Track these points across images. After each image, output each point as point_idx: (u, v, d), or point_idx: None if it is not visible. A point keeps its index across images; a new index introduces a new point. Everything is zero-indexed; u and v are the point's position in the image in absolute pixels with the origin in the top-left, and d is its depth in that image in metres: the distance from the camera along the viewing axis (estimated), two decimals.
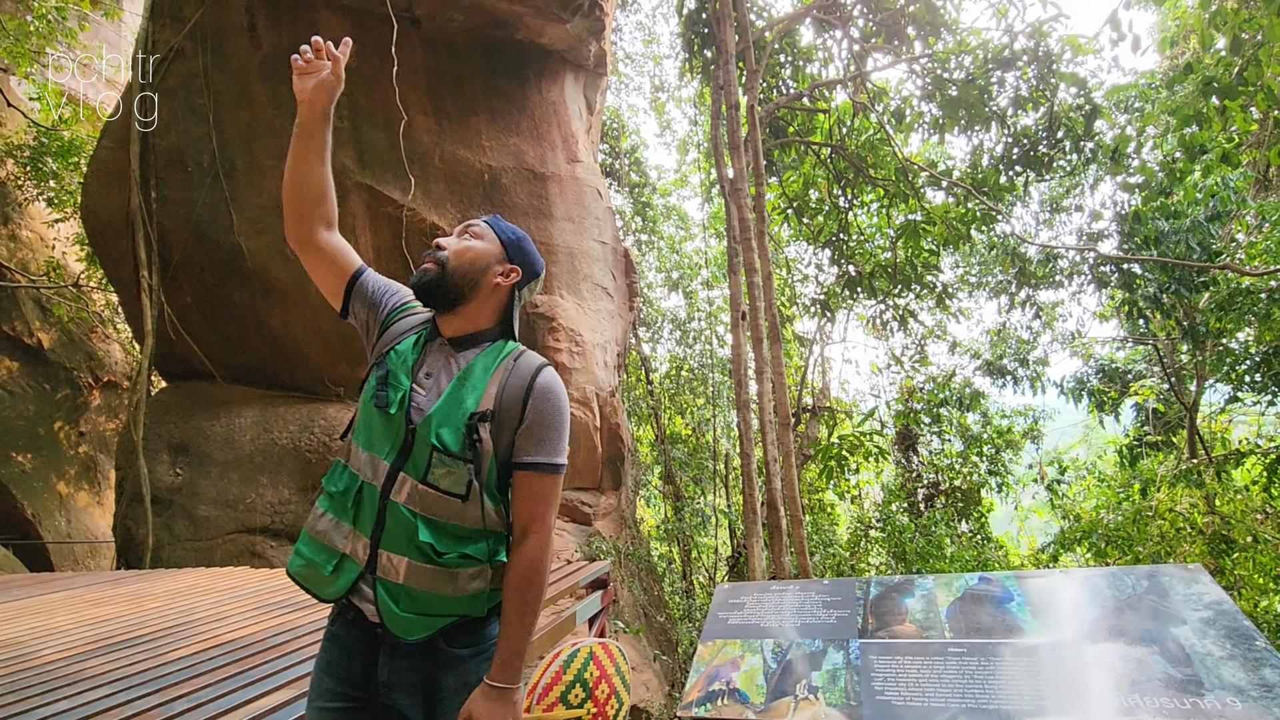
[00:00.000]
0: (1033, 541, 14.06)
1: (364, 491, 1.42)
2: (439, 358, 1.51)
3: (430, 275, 1.49)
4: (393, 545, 1.39)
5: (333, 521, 1.44)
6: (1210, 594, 1.47)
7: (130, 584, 4.45)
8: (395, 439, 1.42)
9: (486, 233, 1.58)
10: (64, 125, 10.27)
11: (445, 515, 1.40)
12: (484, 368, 1.48)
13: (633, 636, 7.01)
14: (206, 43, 6.50)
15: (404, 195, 6.59)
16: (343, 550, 1.42)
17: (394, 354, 1.51)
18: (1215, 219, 7.50)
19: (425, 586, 1.38)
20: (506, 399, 1.45)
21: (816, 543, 10.71)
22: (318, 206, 1.58)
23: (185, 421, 6.60)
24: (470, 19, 6.97)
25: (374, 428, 1.45)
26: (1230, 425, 11.81)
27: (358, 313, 1.62)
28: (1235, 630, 1.35)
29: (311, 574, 1.45)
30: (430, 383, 1.47)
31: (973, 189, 8.08)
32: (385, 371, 1.48)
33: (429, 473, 1.40)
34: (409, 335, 1.54)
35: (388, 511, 1.39)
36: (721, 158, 6.85)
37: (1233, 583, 7.25)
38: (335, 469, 1.50)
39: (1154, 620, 1.45)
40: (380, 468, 1.42)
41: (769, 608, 1.88)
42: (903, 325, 10.47)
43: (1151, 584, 1.56)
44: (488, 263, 1.53)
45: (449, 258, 1.50)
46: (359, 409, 1.50)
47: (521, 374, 1.47)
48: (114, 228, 6.63)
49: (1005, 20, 7.50)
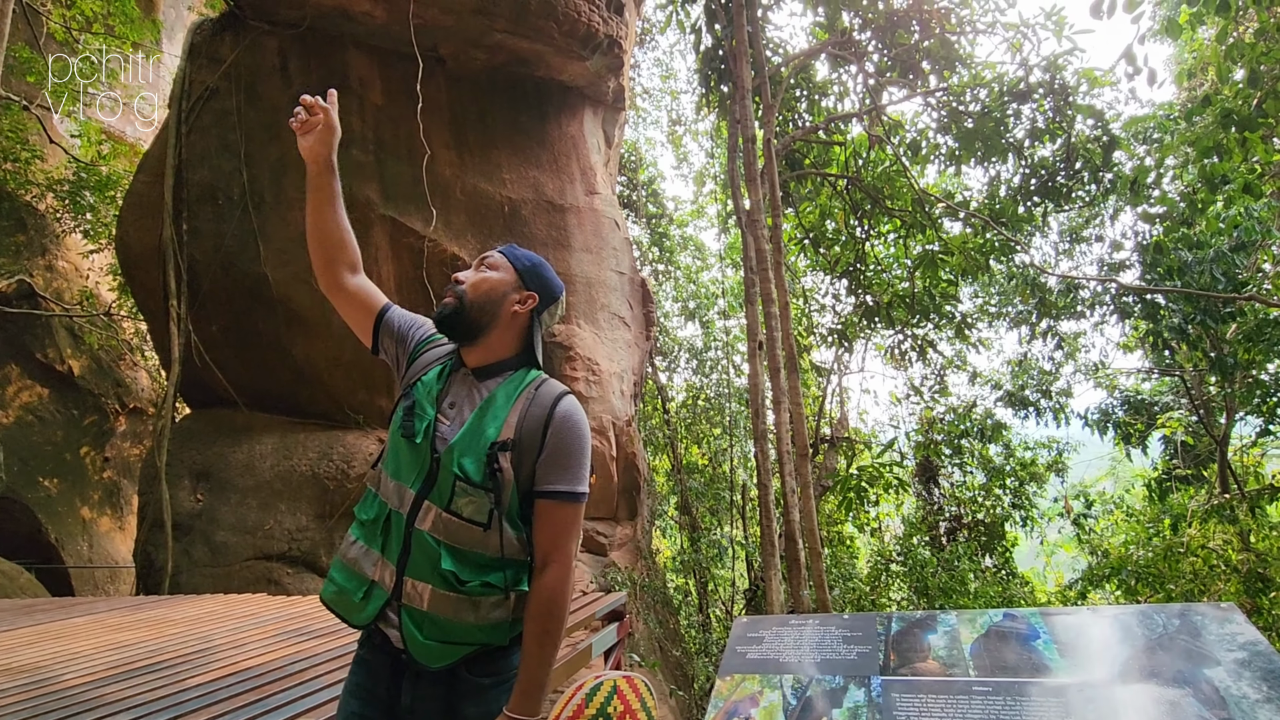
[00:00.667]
0: (1059, 578, 13.69)
1: (392, 519, 1.45)
2: (463, 388, 1.53)
3: (449, 309, 1.52)
4: (417, 572, 1.40)
5: (363, 549, 1.47)
6: (1245, 634, 1.43)
7: (151, 609, 4.48)
8: (421, 468, 1.45)
9: (501, 263, 1.60)
10: (102, 161, 10.67)
11: (468, 543, 1.41)
12: (506, 396, 1.50)
13: (648, 671, 6.89)
14: (240, 81, 6.76)
15: (426, 227, 6.73)
16: (372, 577, 1.44)
17: (420, 385, 1.54)
18: (1240, 249, 7.40)
19: (448, 614, 1.39)
20: (527, 428, 1.45)
21: (836, 576, 10.51)
22: (341, 252, 1.65)
23: (208, 448, 6.69)
24: (493, 57, 7.19)
25: (401, 457, 1.48)
26: (1264, 459, 11.48)
27: (387, 348, 1.66)
28: (1272, 672, 1.31)
29: (343, 600, 1.47)
30: (454, 413, 1.50)
31: (990, 220, 8.08)
32: (411, 402, 1.51)
33: (452, 501, 1.42)
34: (435, 366, 1.58)
35: (413, 539, 1.41)
36: (738, 190, 6.92)
37: (1271, 623, 6.99)
38: (366, 497, 1.53)
39: (1187, 661, 1.41)
40: (406, 496, 1.44)
41: (788, 642, 1.85)
42: (922, 355, 10.39)
43: (1183, 623, 1.52)
44: (504, 291, 1.56)
45: (466, 291, 1.53)
46: (389, 438, 1.54)
47: (542, 403, 1.48)
48: (146, 258, 6.83)
49: (1020, 54, 7.57)
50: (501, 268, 1.59)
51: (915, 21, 7.63)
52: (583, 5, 7.02)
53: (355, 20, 6.64)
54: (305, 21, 6.61)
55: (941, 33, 7.51)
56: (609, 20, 7.31)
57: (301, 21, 6.61)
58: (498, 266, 1.59)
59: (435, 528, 1.41)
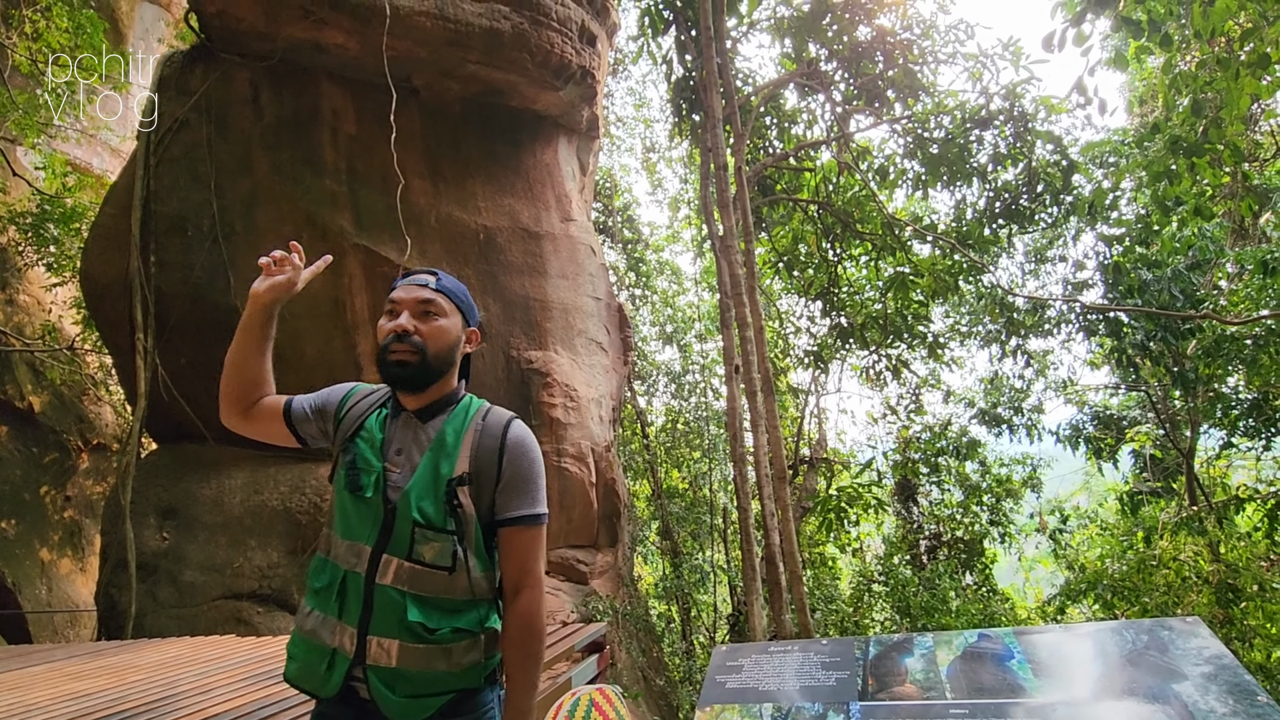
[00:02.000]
0: (1039, 593, 13.80)
1: (348, 581, 1.40)
2: (406, 432, 1.49)
3: (412, 369, 1.46)
4: (383, 630, 1.36)
5: (320, 618, 1.41)
6: (1211, 648, 1.46)
7: (112, 655, 4.30)
8: (375, 521, 1.41)
9: (448, 307, 1.54)
10: (68, 193, 10.49)
11: (433, 590, 1.39)
12: (454, 432, 1.48)
13: (631, 701, 6.77)
14: (210, 113, 6.72)
15: (400, 255, 6.71)
16: (333, 645, 1.38)
17: (360, 439, 1.49)
18: (1196, 268, 7.68)
19: (420, 666, 1.36)
20: (482, 459, 1.45)
21: (818, 598, 10.48)
22: (256, 391, 1.58)
23: (174, 484, 6.51)
24: (467, 88, 7.25)
25: (350, 514, 1.43)
26: (1229, 470, 11.77)
27: (310, 433, 1.59)
28: (1237, 685, 1.33)
29: (308, 674, 1.42)
30: (402, 459, 1.46)
31: (957, 243, 8.28)
32: (353, 456, 1.46)
33: (413, 549, 1.38)
34: (369, 415, 1.53)
35: (375, 596, 1.37)
36: (711, 216, 7.02)
37: (1243, 633, 7.10)
38: (316, 564, 1.47)
39: (1156, 677, 1.43)
40: (363, 553, 1.40)
41: (768, 670, 1.84)
42: (896, 375, 10.53)
43: (1151, 639, 1.54)
44: (458, 337, 1.54)
45: (425, 345, 1.47)
46: (333, 500, 1.49)
47: (492, 432, 1.48)
48: (112, 291, 6.70)
49: (980, 83, 7.85)
50: (450, 312, 1.54)
51: (879, 52, 7.88)
52: (555, 37, 7.14)
53: (328, 52, 6.67)
54: (277, 54, 6.62)
55: (905, 63, 7.76)
56: (581, 51, 7.44)
57: (273, 54, 6.62)
58: (446, 312, 1.53)
59: (398, 579, 1.38)
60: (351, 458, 1.46)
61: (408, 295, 1.52)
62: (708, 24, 6.69)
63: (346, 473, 1.45)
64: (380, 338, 1.50)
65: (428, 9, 6.53)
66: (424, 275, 1.55)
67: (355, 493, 1.42)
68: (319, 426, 1.59)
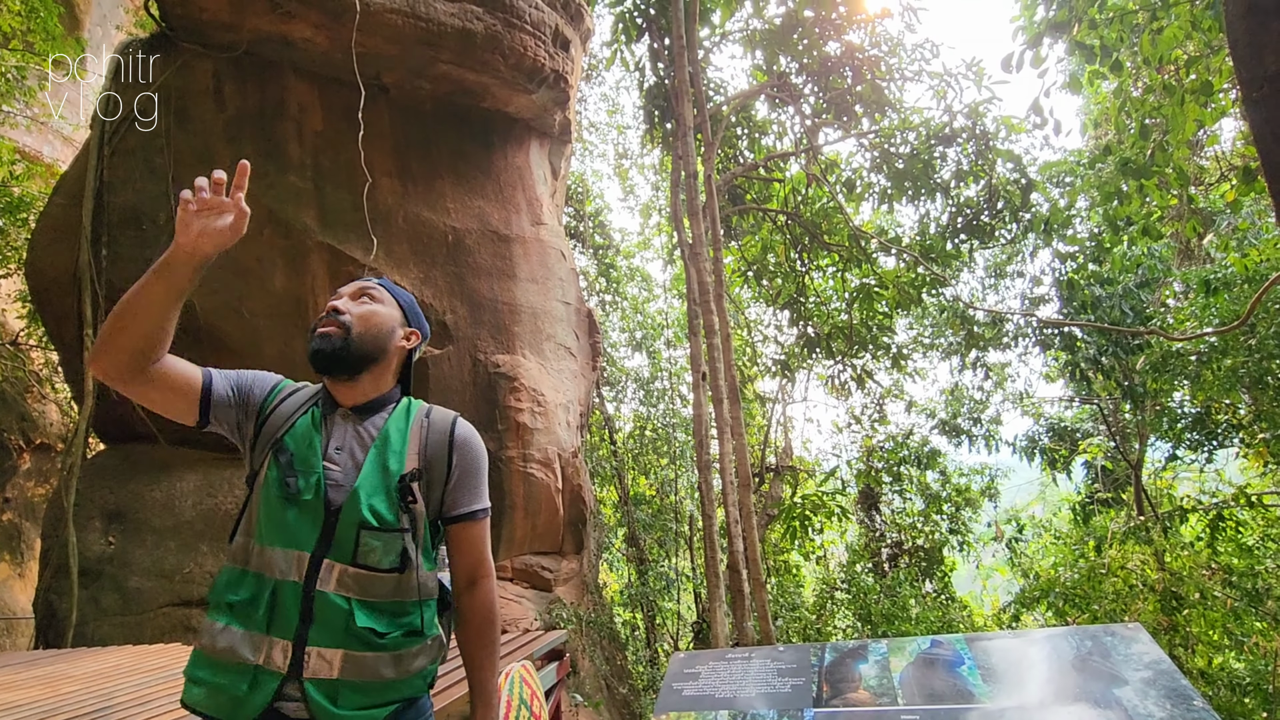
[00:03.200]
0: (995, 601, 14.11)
1: (280, 591, 1.30)
2: (344, 429, 1.43)
3: (336, 342, 1.41)
4: (325, 639, 1.29)
5: (238, 634, 1.29)
6: (1150, 654, 1.50)
7: (47, 665, 4.11)
8: (314, 525, 1.33)
9: (385, 296, 1.53)
10: (15, 181, 10.07)
11: (381, 594, 1.34)
12: (398, 430, 1.45)
13: (593, 709, 6.72)
14: (170, 104, 6.53)
15: (366, 255, 6.59)
16: (255, 662, 1.27)
17: (291, 438, 1.40)
18: (1145, 286, 7.98)
19: (366, 676, 1.31)
20: (432, 455, 1.43)
21: (782, 606, 10.56)
22: (160, 348, 1.37)
23: (122, 486, 6.27)
24: (438, 87, 7.18)
25: (281, 520, 1.33)
26: (1175, 482, 12.22)
27: (223, 417, 1.46)
28: (1174, 690, 1.37)
29: (219, 700, 1.28)
30: (342, 457, 1.39)
31: (920, 256, 8.47)
32: (289, 457, 1.37)
33: (358, 553, 1.33)
34: (300, 415, 1.44)
35: (315, 604, 1.29)
36: (681, 224, 7.06)
37: (1186, 639, 7.36)
38: (231, 577, 1.35)
39: (1098, 682, 1.47)
40: (300, 560, 1.31)
41: (724, 677, 1.84)
42: (860, 385, 10.70)
43: (1095, 645, 1.58)
44: (392, 327, 1.51)
45: (353, 323, 1.43)
46: (255, 508, 1.37)
47: (439, 429, 1.46)
48: (60, 285, 6.44)
49: (945, 101, 8.06)
50: (387, 302, 1.52)
51: (848, 68, 8.04)
52: (529, 40, 7.11)
53: (295, 46, 6.53)
54: (241, 46, 6.46)
55: (872, 79, 7.93)
56: (555, 56, 7.43)
57: (237, 45, 6.46)
58: (383, 300, 1.52)
59: (342, 585, 1.31)
60: (287, 458, 1.36)
61: (348, 286, 1.53)
62: (681, 33, 6.75)
63: (280, 475, 1.35)
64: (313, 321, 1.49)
65: (399, 7, 6.45)
66: (373, 276, 1.57)
67: (290, 496, 1.33)
68: (236, 415, 1.45)
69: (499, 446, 6.87)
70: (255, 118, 6.64)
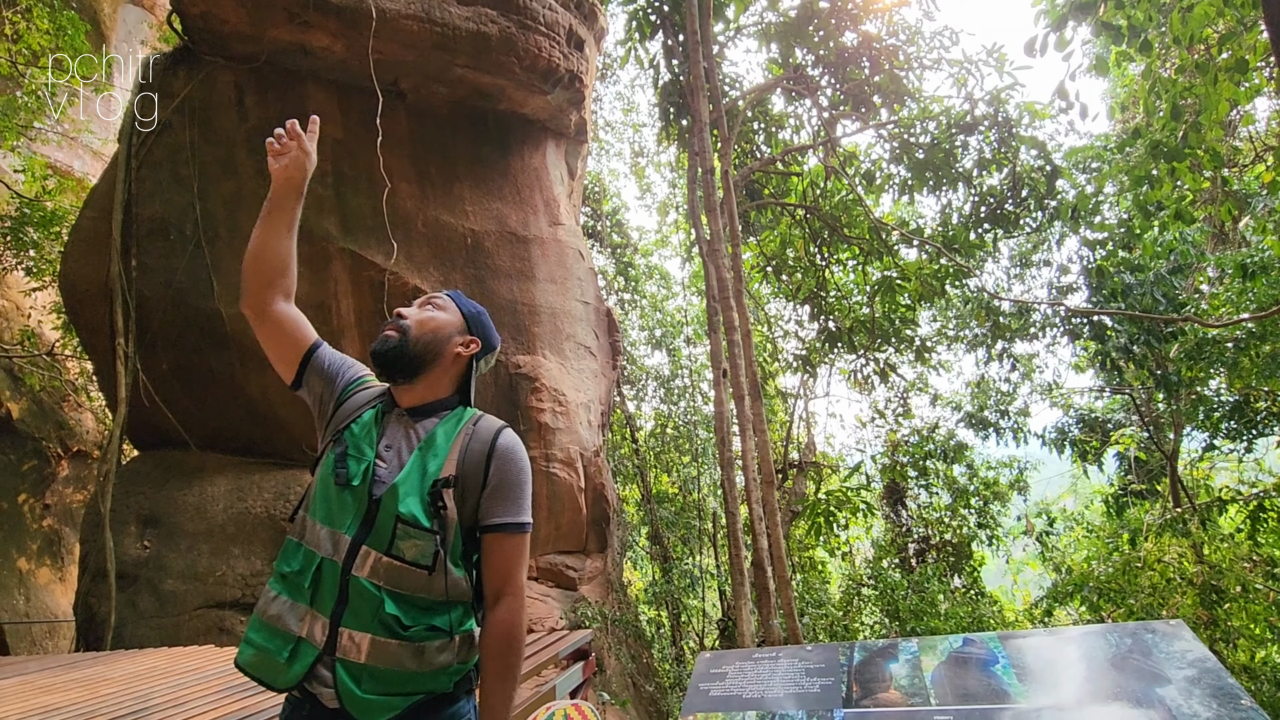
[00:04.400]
0: (1026, 596, 13.87)
1: (323, 568, 1.37)
2: (398, 429, 1.50)
3: (393, 343, 1.49)
4: (355, 622, 1.33)
5: (287, 604, 1.37)
6: (1194, 651, 1.45)
7: (86, 668, 4.21)
8: (358, 512, 1.39)
9: (449, 305, 1.61)
10: (47, 196, 10.34)
11: (411, 588, 1.37)
12: (445, 435, 1.48)
13: (620, 708, 6.73)
14: (194, 116, 6.65)
15: (387, 259, 6.66)
16: (299, 633, 1.34)
17: (354, 429, 1.49)
18: (1177, 272, 7.77)
19: (390, 664, 1.33)
20: (469, 463, 1.44)
21: (808, 603, 10.48)
22: (282, 277, 1.60)
23: (156, 491, 6.41)
24: (454, 91, 7.22)
25: (333, 502, 1.41)
26: (1212, 472, 11.90)
27: (313, 385, 1.60)
28: (1220, 689, 1.32)
29: (265, 662, 1.35)
30: (390, 454, 1.45)
31: (943, 247, 8.33)
32: (345, 447, 1.45)
33: (393, 545, 1.37)
34: (366, 409, 1.53)
35: (350, 587, 1.34)
36: (699, 220, 7.03)
37: (1227, 634, 7.16)
38: (288, 549, 1.44)
39: (1139, 681, 1.42)
40: (341, 542, 1.37)
41: (751, 677, 1.82)
42: (884, 379, 10.56)
43: (1135, 642, 1.53)
44: (449, 333, 1.55)
45: (411, 326, 1.52)
46: (314, 487, 1.47)
47: (482, 438, 1.48)
48: (92, 296, 6.60)
49: (965, 89, 7.91)
50: (449, 309, 1.59)
51: (865, 58, 7.93)
52: (543, 41, 7.12)
53: (314, 55, 6.61)
54: (262, 56, 6.56)
55: (890, 69, 7.81)
56: (569, 56, 7.43)
57: (258, 56, 6.56)
58: (444, 308, 1.59)
59: (375, 573, 1.35)
60: (344, 448, 1.45)
61: (420, 298, 1.63)
62: (695, 29, 6.71)
63: (335, 460, 1.43)
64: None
65: (414, 12, 6.50)
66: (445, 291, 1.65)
67: (340, 480, 1.41)
68: (323, 389, 1.59)
69: None
70: (276, 126, 6.72)
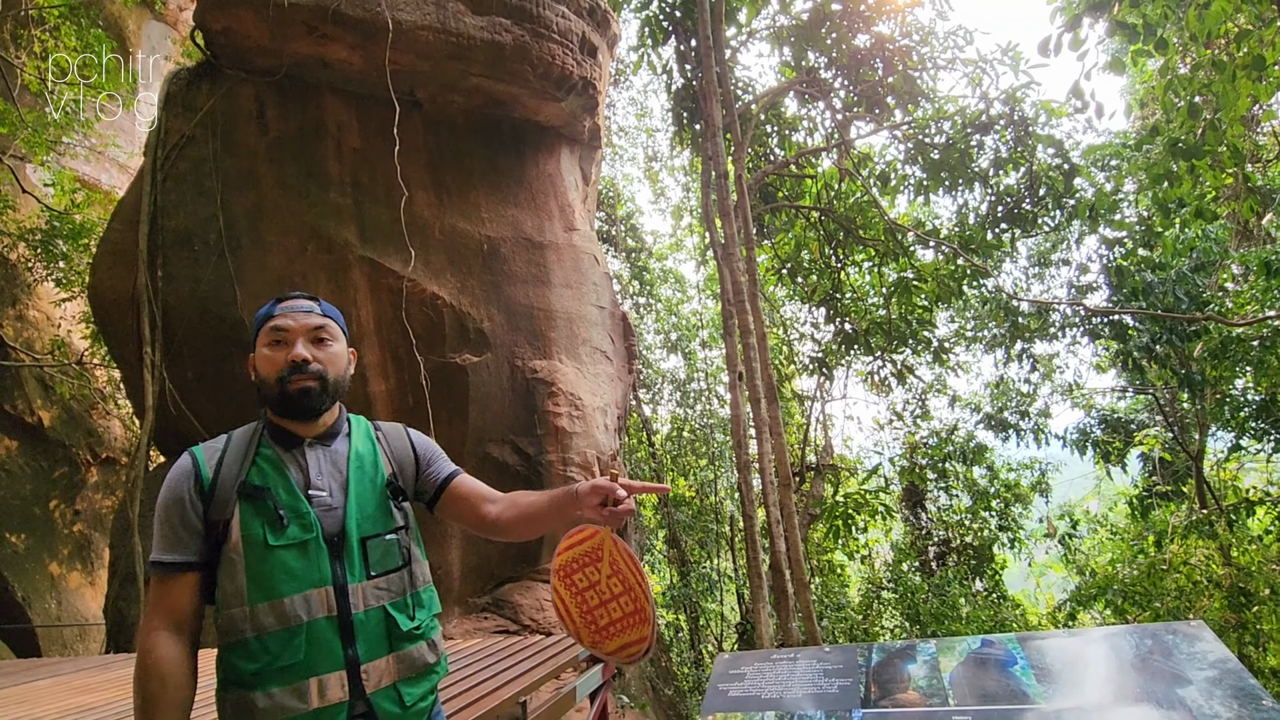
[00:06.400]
0: (1049, 599, 13.67)
1: (312, 631, 1.30)
2: (316, 457, 1.44)
3: (315, 395, 1.42)
4: (373, 654, 1.35)
5: (284, 691, 1.27)
6: (1215, 652, 1.45)
7: (119, 669, 4.31)
8: (321, 560, 1.34)
9: (335, 331, 1.52)
10: (76, 209, 10.61)
11: (401, 590, 1.43)
12: (367, 448, 1.53)
13: (639, 711, 6.74)
14: (217, 129, 6.80)
15: (405, 267, 6.75)
16: (312, 707, 1.28)
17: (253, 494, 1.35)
18: (1200, 269, 7.65)
19: (417, 668, 1.41)
20: (398, 457, 1.56)
21: (827, 606, 10.42)
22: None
23: None
24: (470, 100, 7.31)
25: (287, 569, 1.31)
26: (1239, 473, 11.67)
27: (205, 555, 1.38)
28: (1242, 690, 1.32)
29: None
30: (324, 481, 1.42)
31: (960, 247, 8.27)
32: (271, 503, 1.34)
33: (369, 565, 1.39)
34: (246, 464, 1.39)
35: (356, 628, 1.34)
36: (713, 224, 7.05)
37: (1256, 637, 7.02)
38: (241, 651, 1.30)
39: (1160, 682, 1.42)
40: (324, 596, 1.33)
41: (770, 678, 1.84)
42: (901, 381, 10.50)
43: (1155, 644, 1.53)
44: (349, 361, 1.55)
45: (325, 371, 1.44)
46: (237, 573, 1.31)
47: (395, 434, 1.61)
48: (120, 306, 6.76)
49: (980, 88, 7.87)
50: (338, 337, 1.53)
51: (878, 59, 7.91)
52: (557, 49, 7.19)
53: (332, 67, 6.74)
54: (282, 69, 6.69)
55: (904, 69, 7.79)
56: (583, 63, 7.49)
57: (278, 69, 6.69)
58: (336, 336, 1.52)
59: (371, 599, 1.38)
60: (271, 506, 1.33)
61: (297, 323, 1.45)
62: (707, 34, 6.74)
63: (267, 531, 1.31)
64: (271, 368, 1.42)
65: (430, 23, 6.60)
66: (305, 301, 1.50)
67: (285, 544, 1.32)
68: (201, 543, 1.35)
69: (538, 451, 6.95)
70: (296, 138, 6.86)
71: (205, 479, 1.37)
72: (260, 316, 1.51)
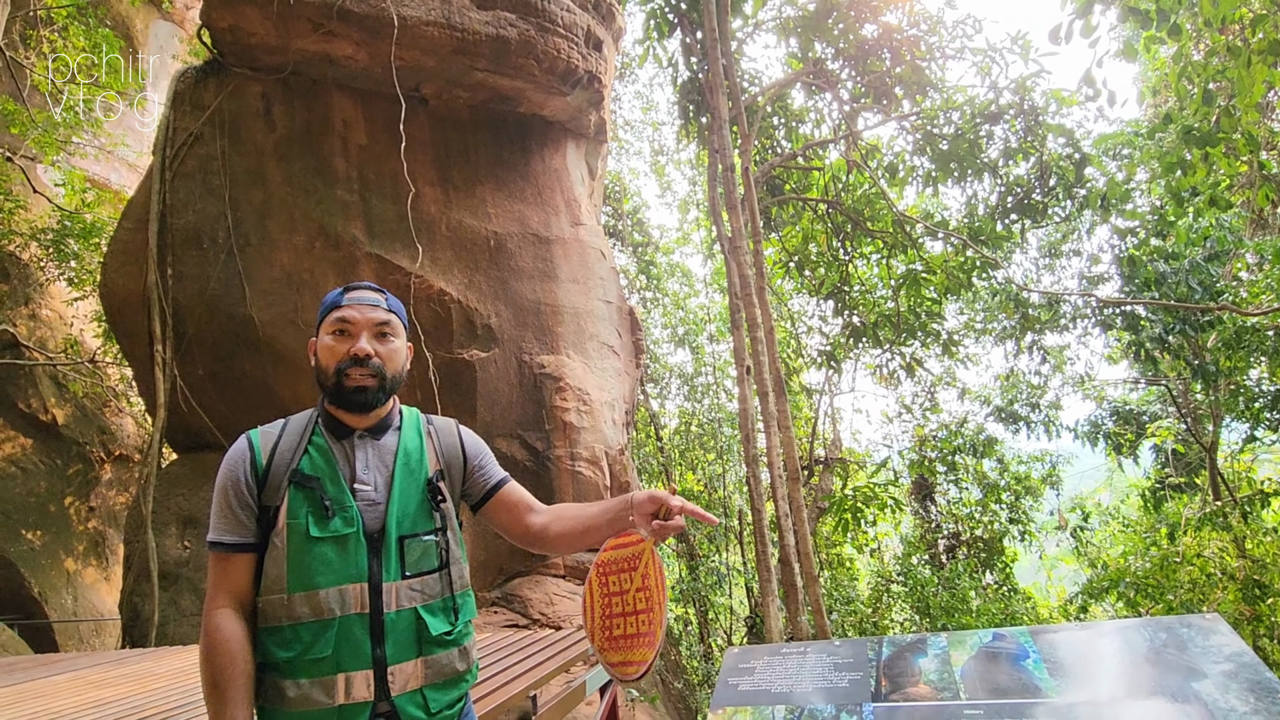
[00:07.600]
0: (1061, 592, 13.62)
1: (343, 626, 1.31)
2: (364, 451, 1.45)
3: (372, 392, 1.42)
4: (403, 655, 1.35)
5: (311, 684, 1.29)
6: (1230, 645, 1.43)
7: (134, 663, 4.36)
8: (361, 554, 1.35)
9: (398, 326, 1.52)
10: (87, 208, 10.68)
11: (435, 593, 1.42)
12: (414, 441, 1.51)
13: (649, 704, 6.76)
14: (224, 127, 6.82)
15: (412, 263, 6.76)
16: (337, 703, 1.29)
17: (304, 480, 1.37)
18: (1214, 259, 7.56)
19: (446, 675, 1.40)
20: (447, 455, 1.54)
21: (836, 599, 10.41)
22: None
23: (194, 493, 6.60)
24: (475, 95, 7.30)
25: (325, 562, 1.33)
26: (1254, 464, 11.55)
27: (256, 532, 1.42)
28: (1259, 683, 1.31)
29: None
30: (370, 475, 1.42)
31: (969, 238, 8.20)
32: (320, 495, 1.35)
33: (405, 564, 1.38)
34: (299, 453, 1.41)
35: (386, 626, 1.34)
36: (719, 218, 7.02)
37: (1271, 630, 6.96)
38: (278, 637, 1.32)
39: (1175, 675, 1.41)
40: (358, 592, 1.33)
41: (780, 672, 1.83)
42: (910, 374, 10.44)
43: (1170, 636, 1.52)
44: (407, 357, 1.55)
45: (384, 367, 1.45)
46: (280, 559, 1.33)
47: (445, 429, 1.58)
48: (131, 304, 6.81)
49: (989, 77, 7.78)
50: (399, 332, 1.53)
51: (886, 50, 7.84)
52: (562, 43, 7.17)
53: (338, 64, 6.74)
54: (288, 67, 6.70)
55: (912, 59, 7.71)
56: (588, 57, 7.47)
57: (284, 67, 6.71)
58: (398, 332, 1.52)
59: (404, 600, 1.37)
60: (319, 497, 1.35)
61: (362, 316, 1.45)
62: (712, 26, 6.70)
63: (310, 522, 1.33)
64: (332, 359, 1.42)
65: (435, 19, 6.59)
66: (373, 294, 1.50)
67: (326, 536, 1.33)
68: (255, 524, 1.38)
69: (546, 446, 6.96)
70: (303, 135, 6.88)
71: (260, 463, 1.40)
72: (327, 304, 1.50)
